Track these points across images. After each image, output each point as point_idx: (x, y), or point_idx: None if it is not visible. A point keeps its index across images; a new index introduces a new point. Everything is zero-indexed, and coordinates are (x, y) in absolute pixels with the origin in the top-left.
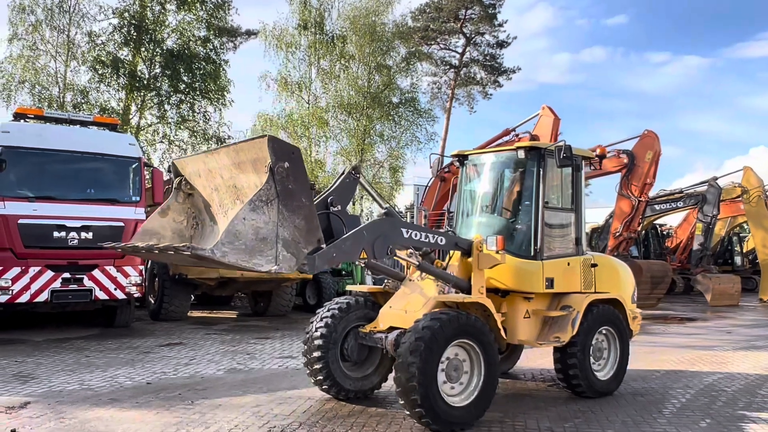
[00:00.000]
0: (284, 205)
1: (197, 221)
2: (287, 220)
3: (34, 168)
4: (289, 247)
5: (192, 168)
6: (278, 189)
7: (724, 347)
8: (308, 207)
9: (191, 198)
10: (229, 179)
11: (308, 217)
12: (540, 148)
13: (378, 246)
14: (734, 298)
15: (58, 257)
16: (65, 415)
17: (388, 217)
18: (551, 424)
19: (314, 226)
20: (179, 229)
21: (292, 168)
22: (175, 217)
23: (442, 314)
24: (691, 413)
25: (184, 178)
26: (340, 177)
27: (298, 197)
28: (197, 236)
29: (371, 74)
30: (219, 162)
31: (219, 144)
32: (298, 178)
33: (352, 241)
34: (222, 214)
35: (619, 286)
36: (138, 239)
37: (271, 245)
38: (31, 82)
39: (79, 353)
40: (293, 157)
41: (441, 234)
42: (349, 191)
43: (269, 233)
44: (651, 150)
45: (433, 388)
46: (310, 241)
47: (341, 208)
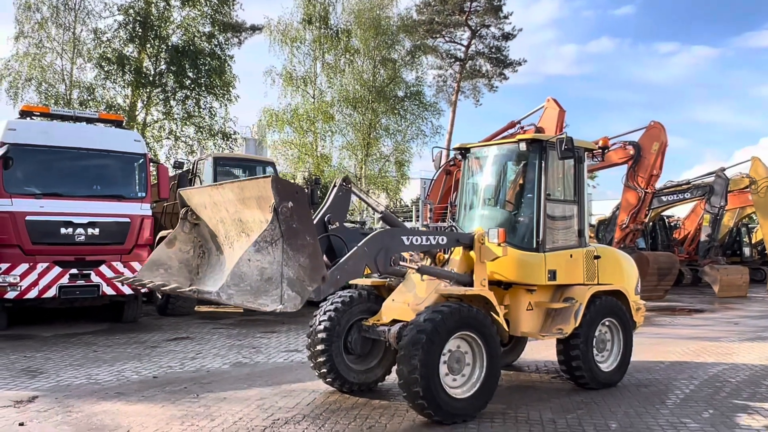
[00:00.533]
0: (289, 244)
1: (203, 250)
2: (292, 259)
3: (41, 165)
4: (294, 286)
5: (198, 200)
6: (282, 229)
7: (731, 338)
8: (312, 245)
9: (197, 228)
10: (234, 213)
11: (312, 255)
12: (541, 141)
13: (381, 259)
14: (742, 289)
15: (65, 253)
16: (72, 408)
17: (385, 220)
18: (554, 415)
19: (318, 264)
20: (186, 259)
21: (295, 207)
22: (182, 247)
23: (444, 307)
24: (694, 404)
25: (189, 209)
26: (332, 191)
27: (302, 236)
28: (204, 265)
29: (376, 68)
30: (224, 196)
31: (225, 140)
32: (301, 217)
33: (354, 259)
34: (228, 245)
35: (623, 277)
36: (146, 270)
37: (276, 285)
38: (37, 79)
39: (87, 348)
40: (297, 196)
41: (442, 233)
42: (343, 205)
43: (274, 273)
44: (657, 141)
45: (435, 380)
46: (314, 278)
47: (339, 224)
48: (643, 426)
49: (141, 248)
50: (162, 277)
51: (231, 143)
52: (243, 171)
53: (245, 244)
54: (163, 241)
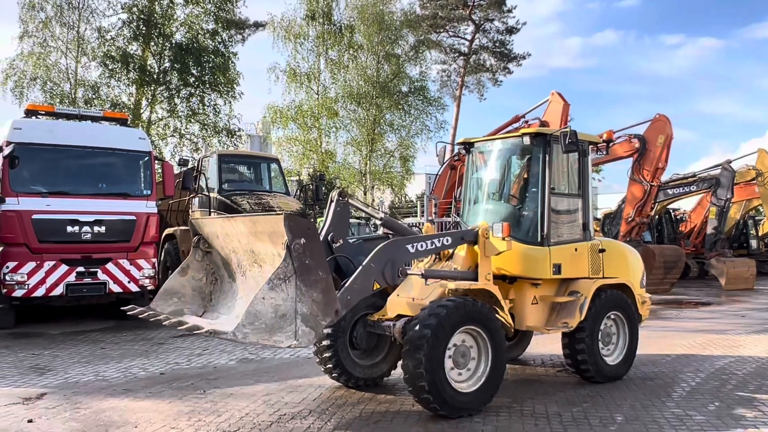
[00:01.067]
0: (302, 280)
1: (216, 277)
2: (305, 295)
3: (47, 164)
4: (308, 322)
5: (210, 229)
6: (295, 265)
7: (737, 331)
8: (325, 280)
9: (209, 255)
10: (246, 244)
11: (325, 290)
12: (545, 134)
13: (388, 272)
14: (749, 281)
15: (72, 251)
16: (80, 405)
17: (386, 226)
18: (559, 408)
19: (331, 298)
20: (199, 287)
21: (308, 243)
22: (195, 275)
23: (449, 301)
24: (700, 396)
25: (201, 237)
26: (330, 207)
27: (315, 271)
28: (216, 291)
29: (380, 64)
30: (236, 228)
31: (230, 137)
32: (314, 253)
33: (362, 277)
34: (240, 273)
35: (628, 271)
36: (160, 300)
37: (291, 321)
38: (42, 78)
39: (94, 345)
40: (309, 232)
41: (446, 234)
42: (344, 220)
43: (288, 309)
44: (663, 134)
45: (440, 375)
46: (328, 313)
47: (343, 241)
48: (649, 419)
49: (147, 246)
50: (176, 306)
51: (235, 140)
52: (247, 168)
53: (257, 274)
54: (176, 270)
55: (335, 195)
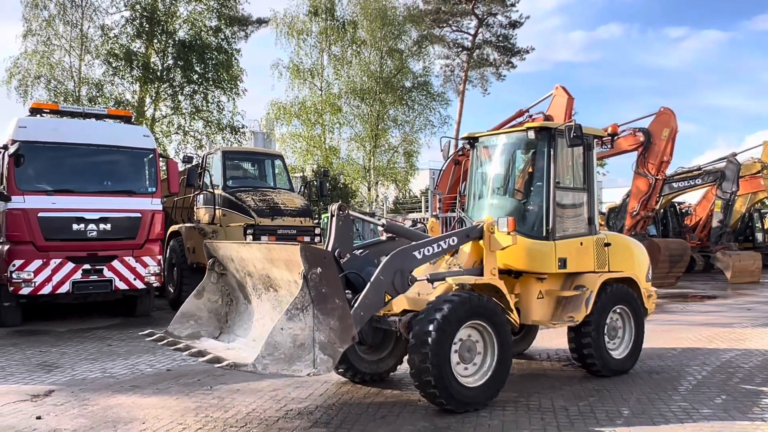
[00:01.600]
0: (319, 309)
1: (231, 298)
2: (322, 324)
3: (52, 162)
4: (326, 350)
5: (224, 252)
6: (312, 295)
7: (743, 324)
8: (341, 307)
9: (224, 277)
10: (261, 269)
11: (342, 317)
12: (550, 128)
13: (398, 281)
14: (755, 275)
15: (77, 249)
16: (88, 402)
17: (389, 231)
18: (565, 402)
19: (348, 325)
20: (215, 309)
21: (324, 272)
22: (210, 297)
23: (454, 296)
24: (706, 390)
25: (216, 260)
26: (331, 222)
27: (331, 300)
28: (232, 312)
29: (383, 59)
30: (251, 254)
31: (234, 134)
32: (330, 281)
33: (373, 291)
34: (256, 296)
35: (633, 264)
36: (177, 323)
37: (309, 350)
38: (46, 77)
39: (101, 342)
40: (325, 261)
41: (451, 234)
42: (347, 233)
43: (306, 338)
44: (667, 127)
45: (446, 369)
46: (345, 339)
47: (350, 254)
48: (655, 412)
49: (152, 243)
50: (193, 328)
51: (239, 137)
52: (251, 164)
53: (273, 298)
54: (192, 293)
55: (335, 209)
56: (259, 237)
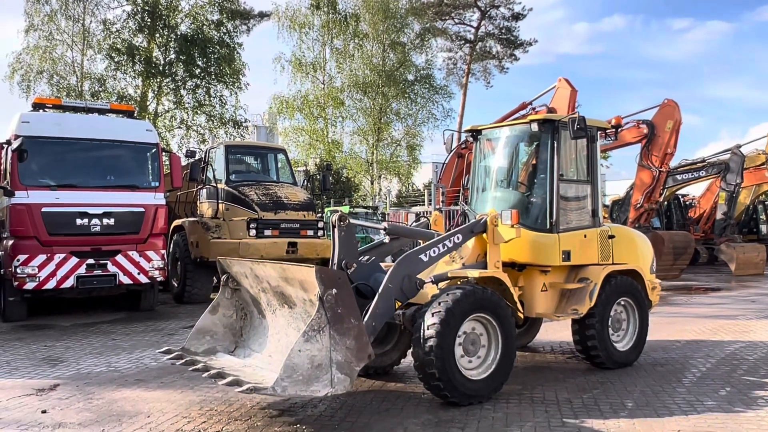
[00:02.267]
0: (335, 329)
1: (245, 312)
2: (339, 344)
3: (55, 157)
4: (343, 369)
5: (238, 269)
6: (328, 316)
7: (748, 316)
8: (357, 326)
9: (238, 292)
10: (276, 287)
11: (358, 336)
12: (554, 121)
13: (406, 287)
14: (759, 267)
15: (81, 244)
16: (93, 396)
17: (392, 233)
18: (569, 395)
19: (364, 343)
20: (230, 324)
21: (339, 293)
22: (225, 312)
23: (458, 289)
24: (711, 382)
25: (230, 275)
26: (333, 233)
27: (347, 319)
28: (246, 326)
29: (386, 52)
30: (266, 272)
31: (236, 128)
32: (345, 302)
33: (382, 301)
34: (270, 311)
35: (638, 256)
36: (193, 339)
37: (326, 370)
38: (49, 72)
39: (105, 337)
40: (340, 282)
41: (455, 232)
42: (351, 242)
43: (324, 359)
44: (671, 119)
45: (450, 362)
46: (361, 358)
47: (356, 264)
48: (659, 404)
49: (156, 237)
50: (209, 344)
51: (242, 131)
52: (254, 158)
53: (287, 314)
54: (207, 309)
55: (335, 220)
56: (262, 231)
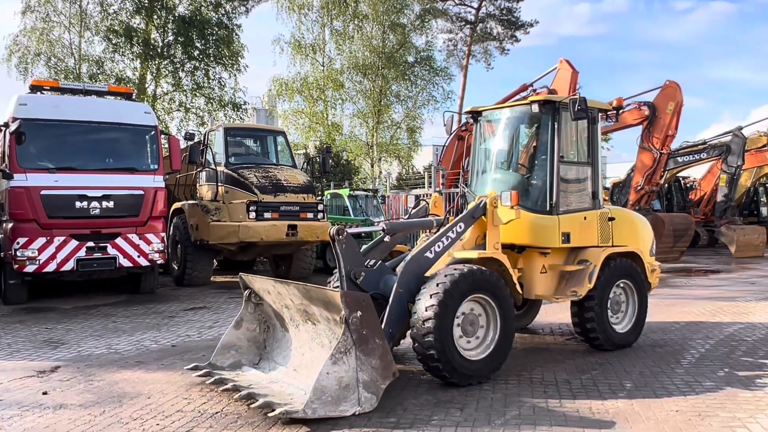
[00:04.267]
0: (361, 350)
1: (268, 325)
2: (365, 364)
3: (53, 139)
4: (369, 388)
5: (260, 285)
6: (354, 338)
7: (747, 298)
8: (382, 346)
9: (260, 306)
10: (299, 305)
11: (383, 356)
12: (554, 102)
13: (416, 288)
14: (759, 249)
15: (81, 227)
16: (94, 377)
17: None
18: (568, 376)
19: (389, 361)
20: (254, 337)
21: (364, 316)
22: (248, 326)
23: (457, 270)
24: (709, 363)
25: (252, 291)
26: (335, 246)
27: (372, 340)
28: (270, 339)
29: (385, 33)
30: (288, 291)
31: (235, 110)
32: (370, 323)
33: (396, 306)
34: (294, 326)
35: (637, 239)
36: (219, 355)
37: (353, 390)
38: (46, 54)
39: (106, 319)
40: (364, 305)
41: (457, 221)
42: (354, 252)
43: (351, 380)
44: (673, 101)
45: (449, 343)
46: (386, 376)
47: (364, 273)
48: (658, 385)
49: (156, 220)
50: (234, 358)
51: (241, 113)
52: (254, 141)
53: (311, 329)
54: (231, 324)
55: (333, 233)
56: (262, 214)
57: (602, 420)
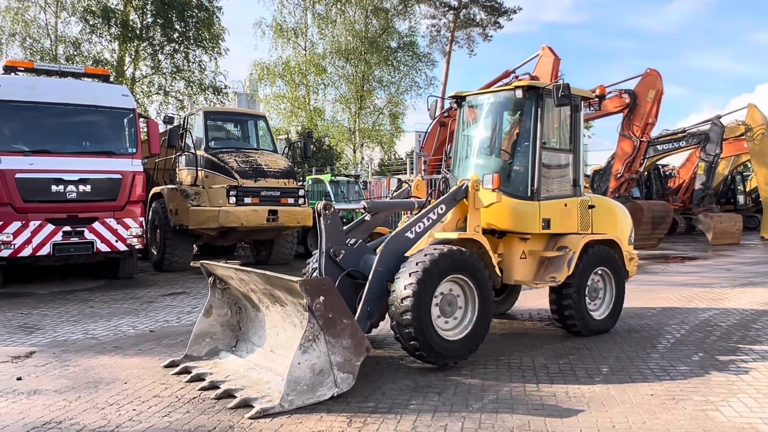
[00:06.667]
0: (330, 334)
1: (239, 306)
2: (336, 346)
3: (28, 122)
4: (344, 368)
5: (222, 272)
6: (321, 323)
7: (722, 284)
8: (350, 325)
9: (228, 290)
10: (264, 289)
11: (353, 334)
12: (538, 88)
13: (396, 268)
14: (735, 236)
15: (57, 211)
16: (70, 363)
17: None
18: (546, 360)
19: (360, 338)
20: (226, 321)
21: (327, 299)
22: (219, 312)
23: (437, 250)
24: (684, 348)
25: (216, 277)
26: (319, 221)
27: (339, 321)
28: (243, 319)
29: (368, 18)
30: (250, 278)
31: (216, 94)
32: (334, 305)
33: (374, 286)
34: (264, 306)
35: (616, 227)
36: (193, 345)
37: (328, 373)
38: (21, 35)
39: (83, 304)
40: (325, 288)
41: (439, 203)
42: (337, 229)
43: (324, 364)
44: (653, 89)
45: (426, 322)
46: (359, 353)
47: (345, 251)
48: (634, 370)
49: (134, 205)
50: (210, 346)
51: (222, 98)
52: (234, 125)
53: (281, 310)
54: (201, 313)
55: (320, 209)
56: (242, 198)
57: (579, 404)
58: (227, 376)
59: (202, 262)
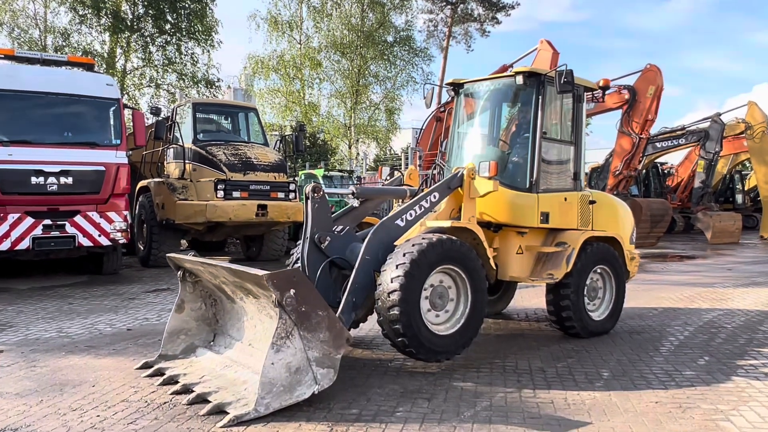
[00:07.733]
0: (304, 328)
1: (213, 298)
2: (312, 341)
3: (8, 111)
4: (324, 363)
5: (191, 265)
6: (293, 318)
7: (725, 284)
8: (326, 317)
9: (199, 283)
10: (234, 282)
11: (330, 326)
12: (540, 74)
13: (384, 256)
14: (735, 235)
15: (37, 203)
16: (37, 363)
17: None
18: (543, 364)
19: (339, 330)
20: (201, 315)
21: (298, 292)
22: (192, 307)
23: (425, 239)
24: (689, 351)
25: (185, 270)
26: (306, 204)
27: (314, 314)
28: (219, 311)
29: (364, 12)
30: (219, 271)
31: (209, 87)
32: (307, 297)
33: (361, 274)
34: (238, 298)
35: (618, 225)
36: (168, 342)
37: (306, 371)
38: (9, 24)
39: (62, 301)
40: (295, 280)
41: (432, 191)
42: (324, 214)
43: (301, 361)
44: (653, 85)
45: (416, 316)
46: (339, 345)
47: (330, 238)
48: (636, 374)
49: (118, 198)
50: (185, 342)
51: (215, 91)
52: (224, 117)
53: (255, 302)
54: (173, 309)
55: (309, 191)
56: (230, 192)
57: (578, 412)
58: (202, 377)
59: (168, 255)
